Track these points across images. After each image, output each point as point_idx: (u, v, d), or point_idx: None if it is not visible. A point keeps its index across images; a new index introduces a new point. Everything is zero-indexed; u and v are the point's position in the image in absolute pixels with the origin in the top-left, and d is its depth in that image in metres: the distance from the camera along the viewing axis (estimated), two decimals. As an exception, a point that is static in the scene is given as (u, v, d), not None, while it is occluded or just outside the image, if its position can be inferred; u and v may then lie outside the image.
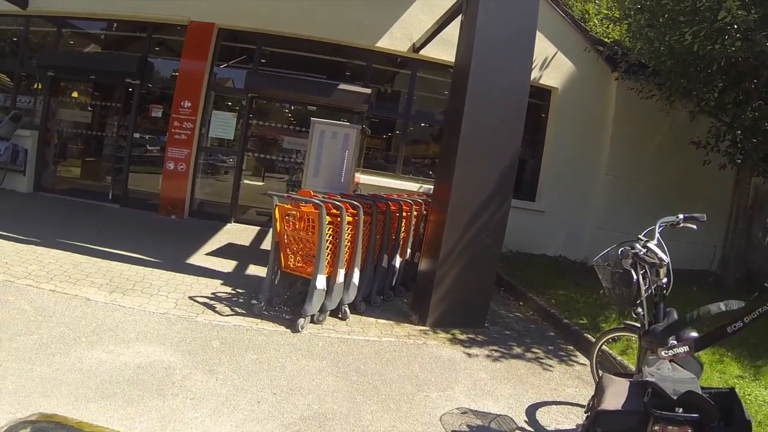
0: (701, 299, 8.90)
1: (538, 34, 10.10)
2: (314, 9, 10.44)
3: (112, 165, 11.38)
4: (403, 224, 7.20)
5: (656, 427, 2.44)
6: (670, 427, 2.41)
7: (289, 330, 5.45)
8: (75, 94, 11.84)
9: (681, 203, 5.18)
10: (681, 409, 2.43)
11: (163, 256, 7.50)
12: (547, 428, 4.40)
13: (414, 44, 10.84)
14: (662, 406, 2.45)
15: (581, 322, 7.01)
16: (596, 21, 17.05)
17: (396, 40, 10.86)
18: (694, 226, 4.35)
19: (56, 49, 11.42)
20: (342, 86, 10.37)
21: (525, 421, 4.45)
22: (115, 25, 11.76)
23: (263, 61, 11.21)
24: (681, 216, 4.27)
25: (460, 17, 7.16)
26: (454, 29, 7.40)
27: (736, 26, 7.64)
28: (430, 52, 10.72)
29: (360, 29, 10.70)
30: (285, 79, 10.92)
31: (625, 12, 10.36)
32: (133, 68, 10.70)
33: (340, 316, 6.07)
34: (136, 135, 11.08)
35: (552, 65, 11.49)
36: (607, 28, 15.25)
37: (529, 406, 4.73)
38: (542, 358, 5.98)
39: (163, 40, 11.66)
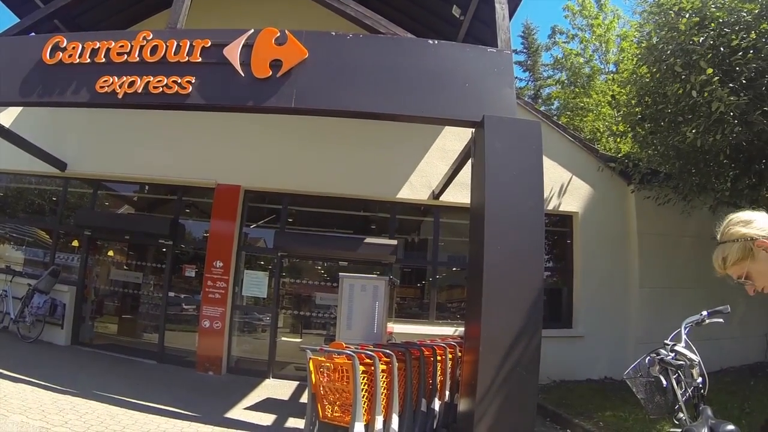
0: (759, 389, 8.79)
1: (551, 162, 10.52)
2: (334, 167, 10.95)
3: (148, 322, 11.59)
4: (438, 367, 7.23)
5: None
6: None
7: None
8: (111, 253, 12.27)
9: (721, 300, 5.17)
10: None
11: (201, 410, 7.55)
12: None
13: (434, 191, 11.22)
14: None
15: (633, 439, 6.85)
16: (606, 138, 17.51)
17: (416, 189, 11.28)
18: (721, 320, 4.24)
19: (92, 209, 11.94)
20: (368, 240, 10.63)
21: None
22: (147, 187, 12.31)
23: (290, 220, 11.64)
24: (705, 313, 4.23)
25: (471, 160, 7.47)
26: (468, 171, 7.68)
27: (731, 113, 7.90)
28: (449, 197, 11.02)
29: (381, 183, 11.16)
30: (312, 237, 11.30)
31: (629, 124, 10.72)
32: (165, 230, 11.12)
33: None
34: (171, 294, 11.32)
35: (569, 191, 11.78)
36: (617, 142, 15.63)
37: None
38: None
39: (193, 202, 12.20)
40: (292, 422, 7.64)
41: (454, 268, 12.19)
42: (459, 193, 10.67)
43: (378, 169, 11.13)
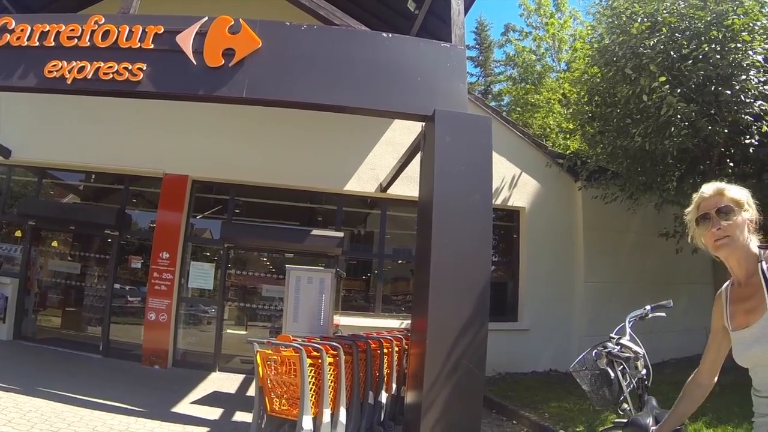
0: None
1: (500, 157, 10.61)
2: (283, 158, 10.85)
3: (93, 315, 11.32)
4: (385, 360, 7.28)
5: None
6: None
7: None
8: (55, 244, 11.91)
9: (664, 294, 5.34)
10: None
11: (148, 405, 7.44)
12: None
13: (381, 184, 11.22)
14: None
15: (578, 429, 7.09)
16: (556, 134, 17.77)
17: (363, 181, 11.28)
18: (664, 314, 4.41)
19: (37, 198, 11.62)
20: (315, 232, 10.60)
21: None
22: (93, 176, 12.00)
23: (237, 211, 11.53)
24: (648, 307, 4.37)
25: (420, 154, 7.51)
26: (417, 165, 7.72)
27: (679, 117, 8.11)
28: (397, 190, 11.07)
29: (329, 174, 11.11)
30: (259, 228, 11.19)
31: (579, 123, 10.92)
32: (111, 220, 10.88)
33: None
34: (117, 286, 11.08)
35: (517, 186, 11.97)
36: (566, 139, 15.89)
37: None
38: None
39: (141, 192, 11.97)
40: (240, 416, 7.56)
41: (400, 261, 12.30)
42: (407, 186, 10.71)
43: (326, 161, 11.08)
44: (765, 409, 2.47)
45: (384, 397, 7.21)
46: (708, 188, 2.58)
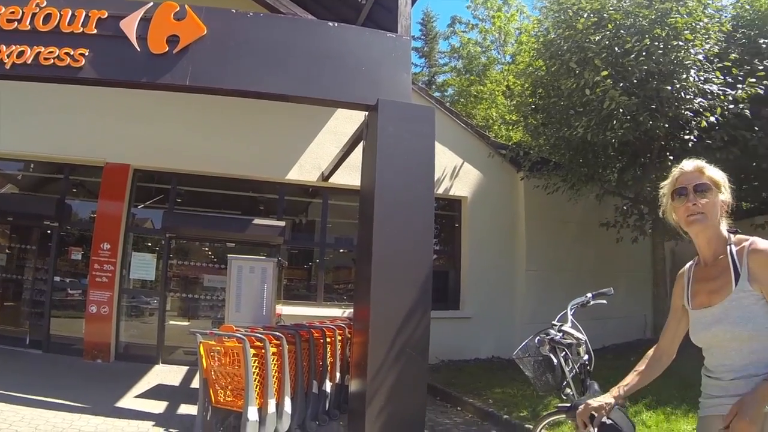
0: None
1: (442, 148, 10.68)
2: (225, 147, 10.70)
3: (32, 309, 10.94)
4: (328, 349, 7.31)
5: None
6: None
7: None
8: (-8, 235, 11.58)
9: (604, 282, 5.48)
10: None
11: (91, 401, 7.27)
12: None
13: (323, 173, 11.20)
14: None
15: (521, 415, 7.22)
16: (498, 125, 18.01)
17: (305, 170, 11.23)
18: (605, 301, 4.50)
19: (-28, 188, 11.17)
20: (256, 221, 10.52)
21: None
22: (32, 166, 11.62)
23: (179, 200, 11.34)
24: (589, 295, 4.48)
25: (362, 143, 7.52)
26: (359, 154, 7.75)
27: (621, 110, 8.33)
28: (339, 179, 11.07)
29: (271, 163, 11.03)
30: (200, 218, 11.02)
31: (522, 114, 11.10)
32: (51, 210, 10.56)
33: None
34: (57, 278, 10.76)
35: (459, 176, 12.08)
36: (509, 130, 16.13)
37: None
38: (489, 457, 6.07)
39: (81, 182, 11.64)
40: (185, 408, 7.46)
41: (341, 250, 12.35)
42: (348, 176, 10.71)
43: (269, 149, 11.00)
44: (715, 390, 2.51)
45: (328, 386, 7.24)
46: (688, 164, 2.62)
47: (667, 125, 8.81)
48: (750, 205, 10.68)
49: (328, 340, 7.36)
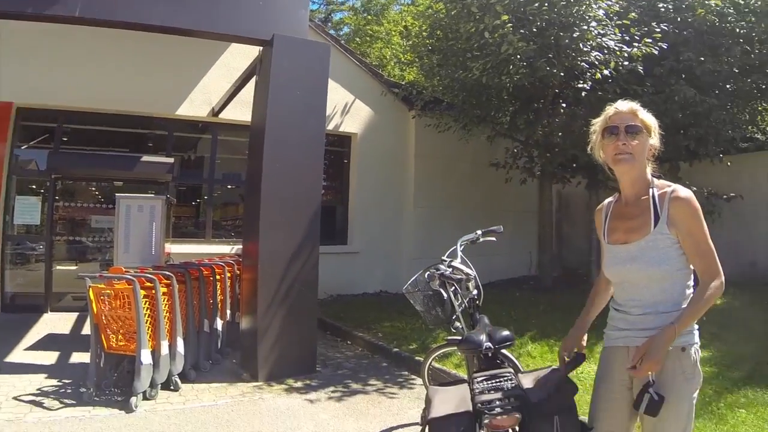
0: (523, 300, 10.13)
1: (335, 84, 10.62)
2: (113, 82, 10.15)
3: None
4: (218, 287, 7.28)
5: (486, 421, 2.58)
6: (499, 417, 2.57)
7: (123, 411, 5.25)
8: None
9: (491, 221, 5.68)
10: (507, 400, 2.61)
11: (-22, 358, 6.98)
12: (398, 451, 4.56)
13: (213, 108, 10.92)
14: (489, 402, 2.61)
15: (411, 347, 7.44)
16: (393, 65, 18.04)
17: (196, 106, 10.89)
18: (494, 238, 4.60)
19: None
20: (145, 158, 10.17)
21: (376, 450, 4.59)
22: None
23: (65, 139, 10.76)
24: (479, 232, 4.57)
25: (255, 78, 7.44)
26: (251, 90, 7.66)
27: (518, 56, 8.54)
28: (229, 114, 10.81)
29: (160, 99, 10.60)
30: (87, 157, 10.48)
31: (417, 54, 11.17)
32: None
33: (172, 387, 5.95)
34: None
35: (351, 113, 12.06)
36: (403, 70, 16.19)
37: (377, 436, 4.91)
38: (380, 389, 6.28)
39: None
40: (77, 357, 7.18)
41: (230, 186, 12.24)
42: (239, 111, 10.48)
43: (158, 84, 10.51)
44: (622, 323, 2.63)
45: (219, 324, 7.24)
46: (623, 105, 2.64)
47: (562, 74, 9.15)
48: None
49: (218, 277, 7.31)
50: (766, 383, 5.54)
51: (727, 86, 9.89)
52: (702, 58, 9.28)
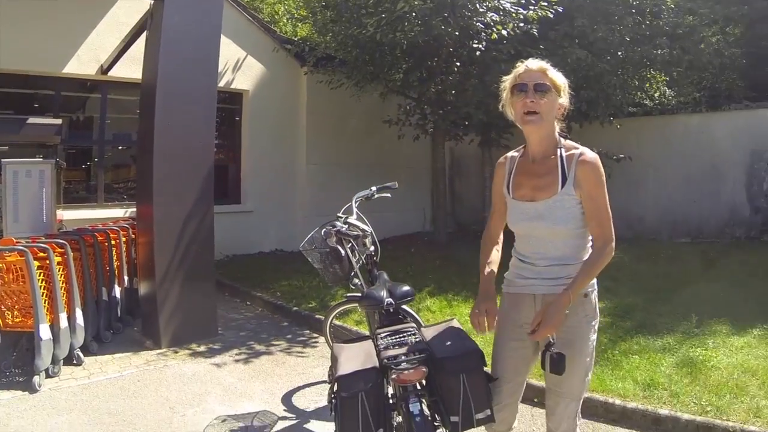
0: (418, 255, 10.40)
1: (227, 40, 10.37)
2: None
3: None
4: (114, 252, 7.09)
5: (394, 376, 2.67)
6: (406, 372, 2.65)
7: (26, 392, 5.06)
8: None
9: (384, 177, 5.74)
10: (413, 354, 2.70)
11: None
12: (307, 410, 4.76)
13: (102, 66, 10.40)
14: (395, 357, 2.71)
15: (311, 306, 7.58)
16: (285, 21, 17.70)
17: (84, 63, 10.32)
18: (389, 195, 4.71)
19: None
20: (31, 120, 9.48)
21: (284, 410, 4.75)
22: None
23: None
24: (374, 188, 4.66)
25: (145, 33, 7.18)
26: (142, 46, 7.36)
27: (414, 14, 8.59)
28: (119, 72, 10.33)
29: (45, 56, 9.93)
30: (-33, 121, 9.81)
31: (311, 10, 11.03)
32: None
33: (74, 362, 5.78)
34: None
35: (242, 69, 11.82)
36: (296, 26, 15.93)
37: (283, 396, 5.05)
38: (284, 349, 6.39)
39: None
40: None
41: (121, 147, 11.82)
42: (129, 69, 10.04)
43: (43, 41, 9.83)
44: (527, 272, 2.76)
45: (118, 291, 7.06)
46: (533, 63, 2.66)
47: (457, 33, 9.25)
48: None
49: (113, 243, 7.10)
50: (655, 331, 6.02)
51: (619, 53, 10.35)
52: (595, 26, 9.70)
